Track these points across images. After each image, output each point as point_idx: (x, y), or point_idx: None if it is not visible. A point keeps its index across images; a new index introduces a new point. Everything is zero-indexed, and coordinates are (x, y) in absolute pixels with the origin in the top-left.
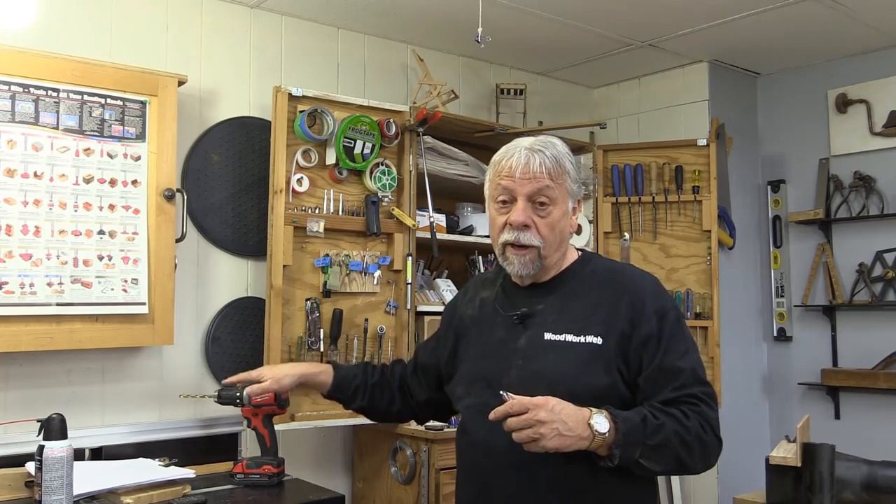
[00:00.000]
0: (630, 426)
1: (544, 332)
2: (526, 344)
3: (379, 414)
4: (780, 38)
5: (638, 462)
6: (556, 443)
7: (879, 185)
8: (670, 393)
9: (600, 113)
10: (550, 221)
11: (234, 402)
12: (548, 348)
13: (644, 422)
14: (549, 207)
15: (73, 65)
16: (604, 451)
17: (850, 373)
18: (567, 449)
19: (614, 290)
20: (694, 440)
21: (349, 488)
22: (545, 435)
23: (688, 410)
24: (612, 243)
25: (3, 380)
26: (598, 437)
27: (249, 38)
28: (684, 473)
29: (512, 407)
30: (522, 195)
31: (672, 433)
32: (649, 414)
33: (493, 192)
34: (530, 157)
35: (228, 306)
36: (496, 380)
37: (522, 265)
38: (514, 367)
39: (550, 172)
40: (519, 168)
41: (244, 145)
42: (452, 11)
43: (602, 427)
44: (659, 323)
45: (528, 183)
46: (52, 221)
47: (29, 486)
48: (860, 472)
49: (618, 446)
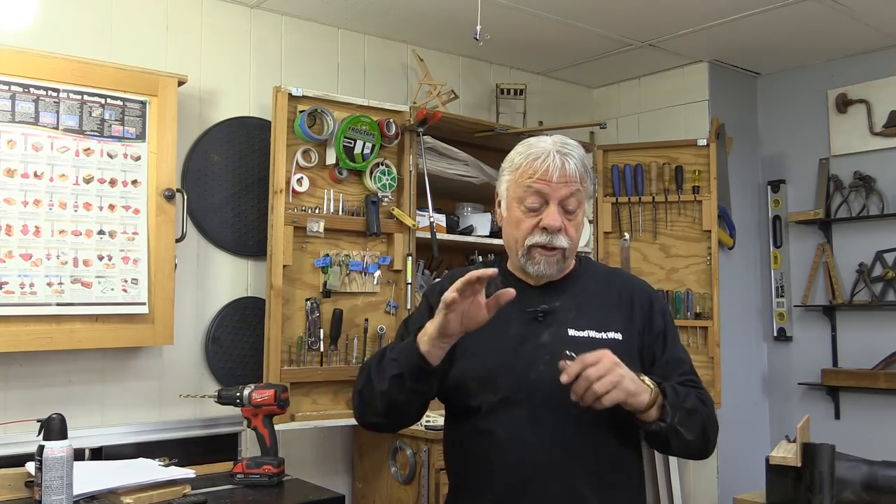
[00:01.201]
0: (670, 391)
1: (567, 328)
2: (550, 340)
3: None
4: (780, 38)
5: (676, 429)
6: (632, 386)
7: (879, 185)
8: (678, 377)
9: (600, 113)
10: (577, 223)
11: (234, 402)
12: (573, 344)
13: (675, 390)
14: (577, 210)
15: (73, 65)
16: (655, 412)
17: (850, 373)
18: (636, 398)
19: (621, 291)
20: (711, 413)
21: (349, 488)
22: (624, 376)
23: (698, 390)
24: (612, 243)
25: (3, 380)
26: (654, 391)
27: (249, 38)
28: (701, 450)
29: (586, 360)
30: (556, 199)
31: (696, 401)
32: (676, 386)
33: (519, 194)
34: (565, 162)
35: (228, 306)
36: (521, 376)
37: (549, 265)
38: (540, 363)
39: (581, 176)
40: (556, 173)
41: (244, 145)
42: (452, 11)
43: (648, 381)
44: (664, 321)
45: (564, 187)
46: (52, 221)
47: (29, 486)
48: (860, 472)
49: (670, 405)
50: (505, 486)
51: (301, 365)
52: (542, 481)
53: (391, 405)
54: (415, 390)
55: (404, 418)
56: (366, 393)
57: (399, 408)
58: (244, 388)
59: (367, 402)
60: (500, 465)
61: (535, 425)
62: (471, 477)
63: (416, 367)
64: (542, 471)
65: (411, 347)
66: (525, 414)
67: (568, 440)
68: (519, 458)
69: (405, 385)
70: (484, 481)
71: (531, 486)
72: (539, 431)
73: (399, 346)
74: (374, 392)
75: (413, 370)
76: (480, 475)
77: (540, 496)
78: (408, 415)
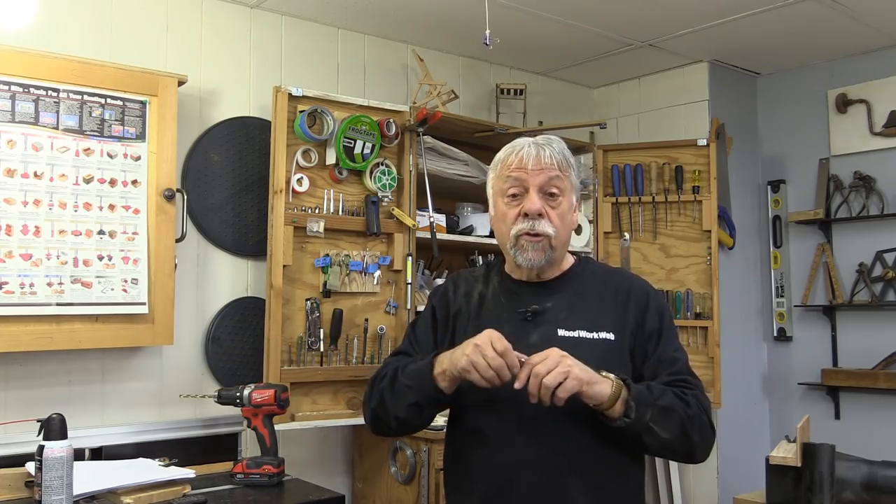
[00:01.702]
0: (637, 387)
1: (557, 328)
2: (539, 340)
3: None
4: (780, 38)
5: (649, 427)
6: (582, 375)
7: (879, 185)
8: (667, 377)
9: (600, 113)
10: (561, 212)
11: (234, 402)
12: (562, 345)
13: (649, 388)
14: (560, 198)
15: (73, 65)
16: (619, 409)
17: (850, 373)
18: (592, 387)
19: (618, 290)
20: (694, 413)
21: (349, 488)
22: (571, 367)
23: (685, 390)
24: (612, 243)
25: (3, 380)
26: (615, 383)
27: (249, 38)
28: (685, 451)
29: (532, 360)
30: (535, 185)
31: (675, 399)
32: (651, 384)
33: (501, 187)
34: (540, 150)
35: (228, 306)
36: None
37: (536, 252)
38: None
39: (559, 164)
40: (531, 159)
41: (244, 145)
42: (452, 11)
43: (610, 374)
44: (659, 320)
45: (540, 173)
46: (52, 221)
47: (29, 486)
48: (860, 472)
49: (633, 399)
50: (491, 487)
51: (301, 365)
52: (528, 482)
53: (407, 425)
54: (431, 415)
55: (416, 430)
56: (380, 413)
57: (414, 426)
58: (244, 388)
59: (381, 420)
60: (487, 464)
61: (521, 426)
62: (461, 476)
63: (433, 398)
64: (529, 472)
65: (427, 381)
66: (512, 415)
67: (556, 442)
68: (505, 459)
69: (422, 412)
70: (472, 480)
71: (518, 487)
72: (526, 432)
73: (413, 371)
74: (388, 413)
75: (429, 400)
76: (469, 474)
77: (527, 497)
78: (420, 427)
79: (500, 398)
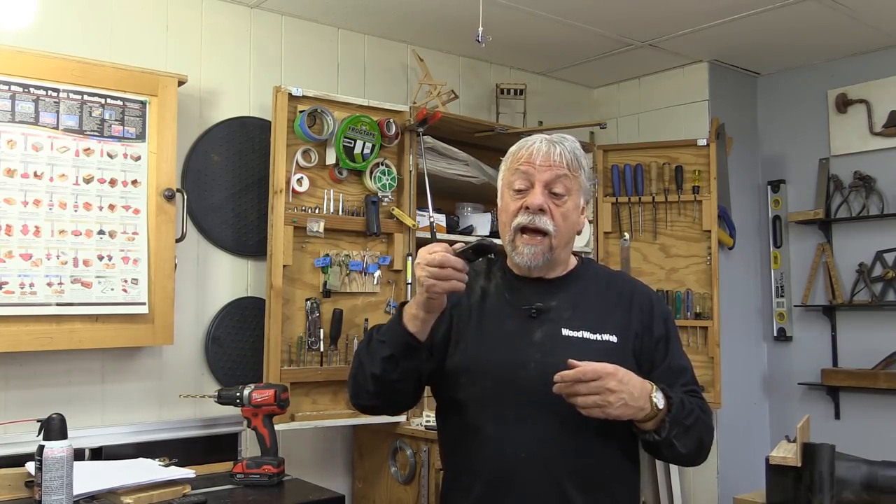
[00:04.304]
0: (677, 405)
1: (561, 327)
2: (543, 338)
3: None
4: (780, 38)
5: (671, 443)
6: (619, 411)
7: (879, 185)
8: (680, 388)
9: (600, 113)
10: (564, 211)
11: (234, 402)
12: (566, 344)
13: (682, 403)
14: (565, 197)
15: (73, 65)
16: (652, 426)
17: (850, 373)
18: (624, 417)
19: (621, 294)
20: (709, 428)
21: (349, 488)
22: (612, 403)
23: (699, 401)
24: (612, 243)
25: (3, 380)
26: (654, 411)
27: (249, 38)
28: (692, 462)
29: (585, 374)
30: (541, 181)
31: (698, 418)
32: (685, 398)
33: (509, 179)
34: (551, 147)
35: (228, 306)
36: (510, 372)
37: (533, 255)
38: (531, 361)
39: (569, 163)
40: (540, 155)
41: (244, 145)
42: (452, 11)
43: (660, 403)
44: (665, 326)
45: (548, 170)
46: (52, 221)
47: (29, 486)
48: (860, 472)
49: (669, 421)
50: (488, 483)
51: (301, 365)
52: (525, 479)
53: (384, 386)
54: (407, 368)
55: (397, 397)
56: (359, 378)
57: (392, 386)
58: (244, 388)
59: (360, 385)
60: (484, 460)
61: (520, 422)
62: (458, 472)
63: (406, 344)
64: (526, 469)
65: (398, 328)
66: (511, 411)
67: (554, 439)
68: (502, 455)
69: (398, 365)
70: (469, 477)
71: (515, 484)
72: (524, 429)
73: (385, 327)
74: (366, 374)
75: (402, 349)
76: (466, 470)
77: (523, 494)
78: (402, 392)
79: (499, 395)
